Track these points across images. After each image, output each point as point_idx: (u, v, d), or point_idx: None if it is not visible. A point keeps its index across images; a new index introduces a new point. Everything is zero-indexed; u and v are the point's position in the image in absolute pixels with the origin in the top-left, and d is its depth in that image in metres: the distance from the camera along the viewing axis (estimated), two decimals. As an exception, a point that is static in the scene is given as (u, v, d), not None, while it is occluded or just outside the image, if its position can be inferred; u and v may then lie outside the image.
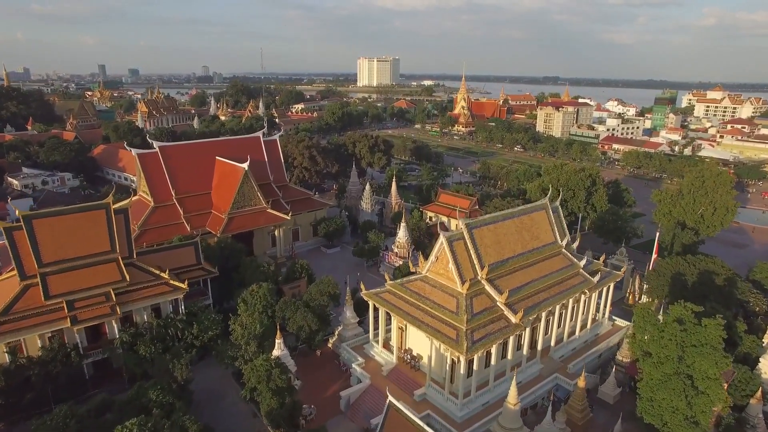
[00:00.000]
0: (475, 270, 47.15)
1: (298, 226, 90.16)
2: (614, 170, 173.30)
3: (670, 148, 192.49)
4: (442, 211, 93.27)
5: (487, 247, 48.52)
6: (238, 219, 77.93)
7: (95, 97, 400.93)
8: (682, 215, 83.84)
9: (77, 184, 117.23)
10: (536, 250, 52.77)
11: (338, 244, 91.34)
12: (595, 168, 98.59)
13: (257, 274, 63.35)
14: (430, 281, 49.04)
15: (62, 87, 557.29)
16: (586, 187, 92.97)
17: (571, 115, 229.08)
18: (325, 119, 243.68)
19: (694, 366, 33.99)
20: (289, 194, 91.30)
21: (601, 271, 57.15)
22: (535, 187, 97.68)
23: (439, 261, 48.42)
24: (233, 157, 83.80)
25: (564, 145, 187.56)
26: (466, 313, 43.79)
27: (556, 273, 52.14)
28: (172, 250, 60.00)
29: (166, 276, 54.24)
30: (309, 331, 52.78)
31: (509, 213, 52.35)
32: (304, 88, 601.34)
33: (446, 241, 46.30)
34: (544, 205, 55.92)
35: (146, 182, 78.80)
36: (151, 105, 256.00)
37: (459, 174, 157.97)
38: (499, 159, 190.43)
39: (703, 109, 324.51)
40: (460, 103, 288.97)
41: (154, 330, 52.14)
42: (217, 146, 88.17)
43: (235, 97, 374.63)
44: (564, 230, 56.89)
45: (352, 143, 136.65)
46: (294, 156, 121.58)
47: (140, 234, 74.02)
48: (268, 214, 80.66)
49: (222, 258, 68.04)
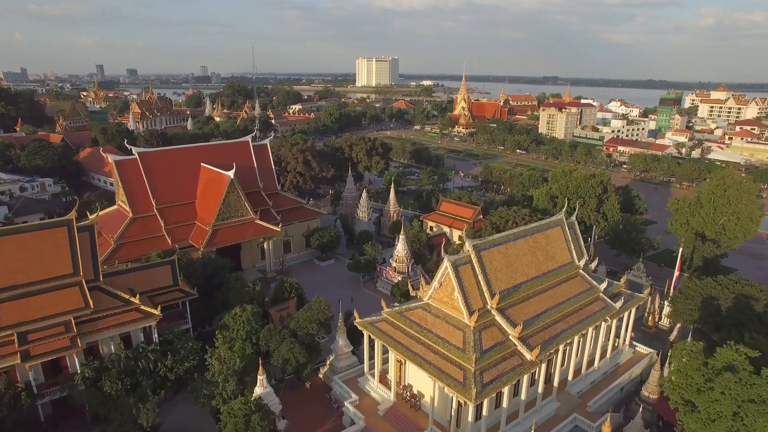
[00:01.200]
0: (484, 298, 41.35)
1: (289, 237, 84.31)
2: (620, 173, 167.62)
3: (677, 151, 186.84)
4: (443, 221, 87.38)
5: (498, 272, 42.70)
6: (224, 231, 72.04)
7: (90, 98, 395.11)
8: (702, 226, 78.11)
9: (59, 190, 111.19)
10: (552, 272, 46.96)
11: (333, 257, 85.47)
12: (606, 174, 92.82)
13: (241, 294, 57.52)
14: (433, 310, 43.21)
15: (57, 87, 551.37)
16: (597, 194, 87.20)
17: (575, 116, 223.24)
18: (322, 120, 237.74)
19: (755, 428, 28.20)
20: (281, 203, 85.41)
21: (622, 294, 51.37)
22: (543, 195, 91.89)
23: (443, 287, 42.58)
24: (220, 164, 77.99)
25: (568, 148, 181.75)
26: (474, 350, 37.97)
27: (574, 299, 46.34)
28: (146, 270, 54.05)
29: (136, 301, 48.35)
30: (296, 364, 46.92)
31: (521, 231, 46.53)
32: (302, 89, 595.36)
33: (451, 266, 40.48)
34: (559, 221, 50.10)
35: (124, 191, 72.90)
36: (144, 106, 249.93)
37: (460, 178, 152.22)
38: (501, 162, 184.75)
39: (707, 110, 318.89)
40: (460, 104, 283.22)
41: (122, 362, 46.27)
42: (202, 152, 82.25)
43: (232, 98, 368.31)
44: (581, 249, 51.11)
45: (349, 146, 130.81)
46: (287, 160, 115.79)
47: (116, 248, 68.17)
48: (256, 226, 74.80)
49: (204, 276, 62.22)
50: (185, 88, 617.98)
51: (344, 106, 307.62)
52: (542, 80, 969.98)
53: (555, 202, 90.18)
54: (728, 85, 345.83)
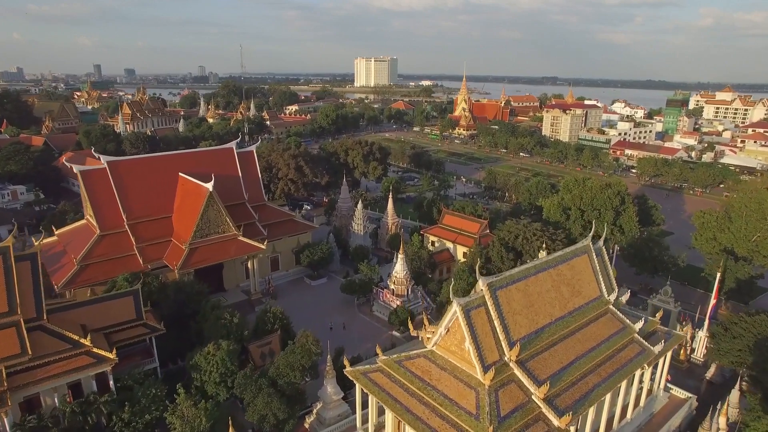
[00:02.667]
0: (501, 348, 33.95)
1: (277, 253, 76.90)
2: (629, 178, 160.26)
3: (687, 154, 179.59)
4: (446, 236, 79.85)
5: (517, 314, 35.31)
6: (202, 250, 64.55)
7: (83, 98, 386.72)
8: (732, 242, 70.82)
9: (32, 198, 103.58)
10: (579, 310, 39.57)
11: (325, 274, 78.06)
12: (623, 183, 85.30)
13: (217, 328, 50.16)
14: (439, 360, 35.78)
15: (51, 87, 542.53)
16: (614, 206, 79.88)
17: (580, 118, 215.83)
18: (318, 122, 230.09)
19: None
20: (268, 215, 77.96)
21: (658, 332, 44.03)
22: (554, 206, 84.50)
23: (451, 334, 35.17)
24: (201, 173, 70.65)
25: (573, 151, 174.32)
26: (490, 418, 30.58)
27: (606, 343, 38.93)
28: (104, 302, 46.54)
29: (88, 343, 40.88)
30: (274, 421, 39.48)
31: (543, 263, 39.09)
32: (301, 89, 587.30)
33: (462, 311, 33.07)
34: (585, 248, 42.70)
35: (91, 205, 65.40)
36: (135, 107, 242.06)
37: (462, 184, 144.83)
38: (504, 166, 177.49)
39: (712, 111, 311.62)
40: (460, 105, 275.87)
41: (67, 418, 38.89)
42: (182, 160, 74.78)
43: (227, 98, 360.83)
44: (611, 279, 43.72)
45: (345, 151, 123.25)
46: (279, 166, 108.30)
47: (79, 270, 60.72)
48: (239, 243, 67.33)
49: (176, 303, 54.88)
50: (182, 88, 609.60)
51: (341, 107, 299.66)
52: (541, 80, 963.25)
53: (567, 214, 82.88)
54: (728, 85, 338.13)
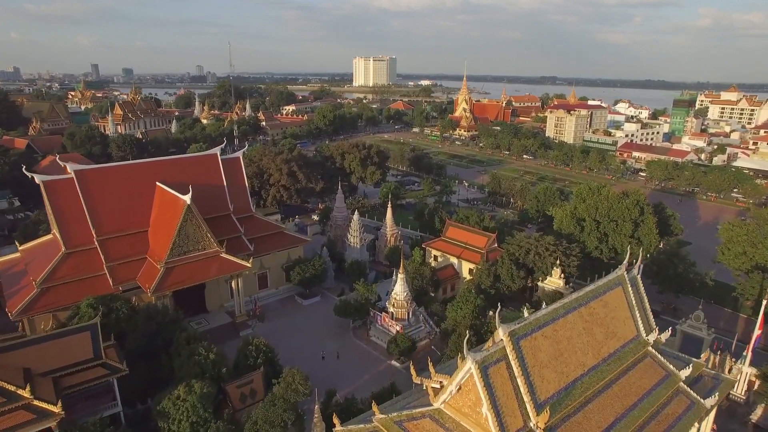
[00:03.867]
0: (525, 412, 27.43)
1: (265, 269, 70.34)
2: (637, 182, 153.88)
3: (697, 157, 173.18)
4: (450, 250, 73.16)
5: (544, 368, 28.81)
6: (180, 270, 57.94)
7: (76, 98, 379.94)
8: (765, 258, 64.39)
9: (5, 207, 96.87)
10: (614, 355, 33.07)
11: (318, 292, 71.48)
12: (641, 193, 78.65)
13: (190, 365, 43.60)
14: (448, 423, 29.23)
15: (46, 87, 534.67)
16: (633, 218, 73.42)
17: (585, 119, 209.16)
18: (315, 123, 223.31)
19: None
20: (255, 228, 71.34)
21: (704, 376, 37.54)
22: (567, 217, 78.01)
23: (463, 394, 28.62)
24: (182, 182, 64.09)
25: (579, 154, 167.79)
26: None
27: (648, 398, 32.41)
28: (54, 340, 39.88)
29: (27, 394, 34.34)
30: (250, 491, 32.95)
31: (572, 302, 32.55)
32: (299, 88, 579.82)
33: (478, 368, 26.52)
34: (619, 280, 36.19)
35: (55, 220, 58.73)
36: (126, 107, 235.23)
37: (465, 189, 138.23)
38: (508, 169, 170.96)
39: (717, 111, 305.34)
40: (461, 105, 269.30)
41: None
42: (160, 168, 67.97)
43: (223, 98, 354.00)
44: (647, 315, 37.18)
45: (341, 155, 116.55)
46: (270, 172, 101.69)
47: (40, 294, 54.07)
48: (221, 261, 60.70)
49: (147, 334, 48.33)
50: (180, 88, 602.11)
51: (339, 107, 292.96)
52: (540, 80, 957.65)
53: (581, 225, 76.45)
54: (727, 85, 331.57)
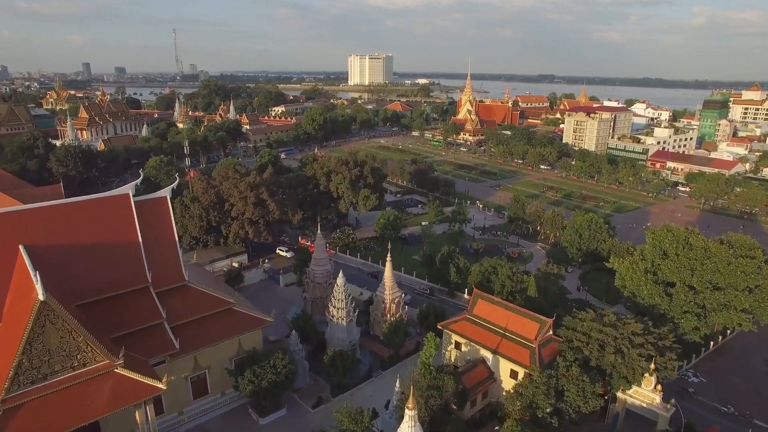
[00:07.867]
0: None
1: (203, 370, 46.30)
2: (680, 200, 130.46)
3: (744, 168, 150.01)
4: (482, 338, 48.49)
5: None
6: (34, 410, 33.83)
7: (51, 98, 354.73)
8: None
9: None
10: None
11: (284, 403, 47.54)
12: (757, 246, 54.06)
13: None
14: None
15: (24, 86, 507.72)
16: (747, 285, 49.74)
17: (608, 122, 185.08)
18: (303, 127, 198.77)
19: None
20: (188, 305, 47.08)
21: None
22: (639, 276, 54.07)
23: None
24: (71, 243, 40.75)
25: (607, 165, 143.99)
26: None
27: None
28: None
29: None
30: None
31: None
32: (292, 88, 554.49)
33: None
34: None
35: None
36: (93, 110, 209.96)
37: (478, 211, 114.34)
38: (525, 183, 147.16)
39: (740, 112, 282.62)
40: (464, 107, 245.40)
41: None
42: (35, 219, 43.67)
43: (209, 98, 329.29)
44: None
45: (326, 175, 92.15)
46: (232, 201, 77.64)
47: None
48: (117, 383, 36.64)
49: None
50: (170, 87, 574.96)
51: (331, 108, 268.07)
52: (537, 78, 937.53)
53: (668, 291, 52.75)
54: (725, 83, 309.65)
